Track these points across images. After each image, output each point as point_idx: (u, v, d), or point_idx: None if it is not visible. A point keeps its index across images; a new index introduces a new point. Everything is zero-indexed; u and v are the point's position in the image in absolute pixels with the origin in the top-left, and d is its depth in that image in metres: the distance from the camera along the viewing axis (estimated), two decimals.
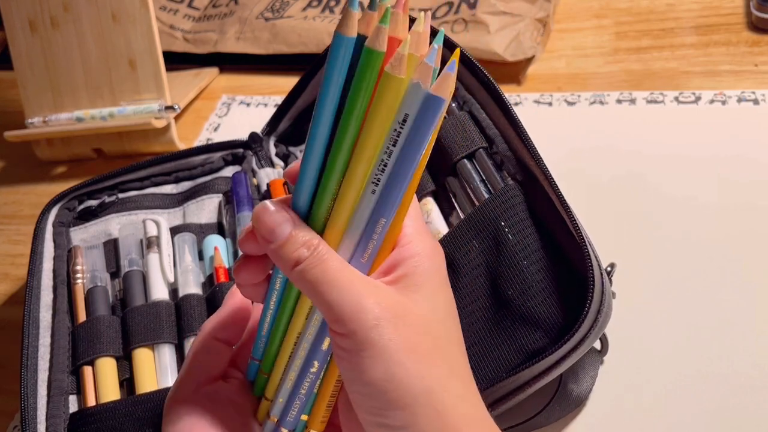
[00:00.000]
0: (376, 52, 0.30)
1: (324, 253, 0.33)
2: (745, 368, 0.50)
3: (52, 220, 0.63)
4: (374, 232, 0.33)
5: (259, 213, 0.33)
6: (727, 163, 0.63)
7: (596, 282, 0.42)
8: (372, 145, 0.31)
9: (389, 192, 0.32)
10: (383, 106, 0.30)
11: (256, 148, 0.69)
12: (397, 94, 0.30)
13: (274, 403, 0.39)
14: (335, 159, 0.32)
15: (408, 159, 0.31)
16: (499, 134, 0.52)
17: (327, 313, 0.33)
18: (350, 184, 0.32)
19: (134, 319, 0.55)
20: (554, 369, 0.44)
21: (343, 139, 0.32)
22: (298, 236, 0.33)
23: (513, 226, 0.47)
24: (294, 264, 0.33)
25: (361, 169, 0.32)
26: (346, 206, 0.33)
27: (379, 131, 0.31)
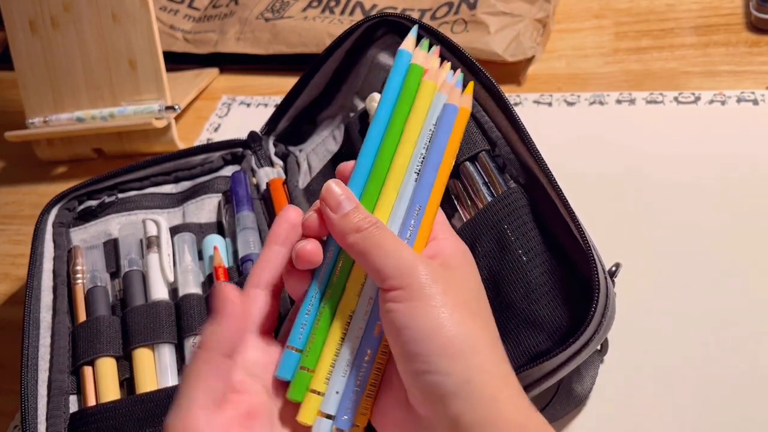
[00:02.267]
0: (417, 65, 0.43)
1: (381, 226, 0.38)
2: (746, 368, 0.50)
3: (52, 221, 0.63)
4: (412, 218, 0.40)
5: (331, 185, 0.39)
6: (726, 163, 0.63)
7: (601, 285, 0.42)
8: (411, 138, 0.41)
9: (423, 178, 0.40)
10: (419, 106, 0.42)
11: (256, 147, 0.69)
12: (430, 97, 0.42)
13: (328, 397, 0.38)
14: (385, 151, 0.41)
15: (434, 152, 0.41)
16: (501, 137, 0.52)
17: (382, 271, 0.36)
18: (396, 172, 0.41)
19: (134, 319, 0.55)
20: (558, 372, 0.44)
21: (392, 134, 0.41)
22: (361, 209, 0.38)
23: (516, 230, 0.47)
24: (356, 229, 0.37)
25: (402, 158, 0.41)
26: (392, 190, 0.40)
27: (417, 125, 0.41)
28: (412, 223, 0.40)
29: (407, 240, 0.39)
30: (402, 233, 0.40)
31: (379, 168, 0.41)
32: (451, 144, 0.41)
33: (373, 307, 0.39)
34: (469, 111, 0.43)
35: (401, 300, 0.35)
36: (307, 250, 0.39)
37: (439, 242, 0.40)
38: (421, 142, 0.41)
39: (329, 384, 0.38)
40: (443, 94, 0.42)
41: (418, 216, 0.40)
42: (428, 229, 0.40)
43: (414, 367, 0.35)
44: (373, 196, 0.40)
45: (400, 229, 0.40)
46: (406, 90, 0.42)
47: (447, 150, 0.41)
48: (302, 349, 0.39)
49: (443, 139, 0.41)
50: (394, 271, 0.36)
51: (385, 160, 0.41)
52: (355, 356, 0.38)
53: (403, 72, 0.42)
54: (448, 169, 0.42)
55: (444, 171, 0.41)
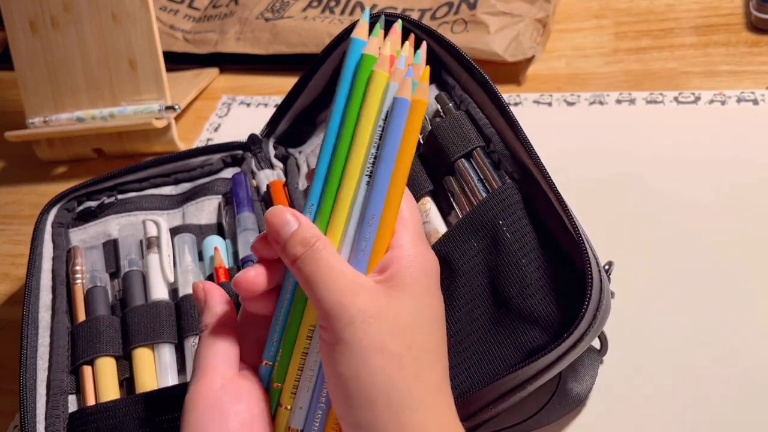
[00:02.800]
0: (368, 55, 0.37)
1: (320, 250, 0.36)
2: (746, 367, 0.50)
3: (51, 221, 0.63)
4: (366, 228, 0.37)
5: (269, 212, 0.37)
6: (726, 163, 0.63)
7: (594, 278, 0.42)
8: (363, 138, 0.37)
9: (375, 184, 0.37)
10: (370, 99, 0.37)
11: (256, 149, 0.69)
12: (380, 88, 0.37)
13: (294, 413, 0.38)
14: (338, 153, 0.37)
15: (386, 150, 0.37)
16: (496, 133, 0.52)
17: (315, 307, 0.36)
18: (348, 176, 0.37)
19: (134, 319, 0.55)
20: (554, 366, 0.44)
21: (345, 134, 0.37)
22: (298, 234, 0.36)
23: (511, 225, 0.47)
24: (292, 260, 0.36)
25: (356, 160, 0.37)
26: (345, 198, 0.37)
27: (368, 123, 0.37)
28: (366, 236, 0.37)
29: (362, 253, 0.37)
30: (356, 248, 0.37)
31: (333, 175, 0.38)
32: (405, 142, 0.37)
33: None
34: (425, 102, 0.37)
35: (327, 342, 0.35)
36: (244, 278, 0.38)
37: (395, 252, 0.37)
38: (373, 143, 0.37)
39: (295, 399, 0.38)
40: (393, 84, 0.37)
41: (372, 227, 0.37)
42: (386, 240, 0.38)
43: (337, 411, 0.36)
44: (328, 208, 0.38)
45: (353, 244, 0.37)
46: (358, 84, 0.37)
47: (401, 149, 0.37)
48: (273, 363, 0.39)
49: (395, 138, 0.37)
50: (322, 308, 0.35)
51: (338, 166, 0.38)
52: (318, 371, 0.38)
53: (354, 64, 0.38)
54: (405, 170, 0.37)
55: (400, 173, 0.37)
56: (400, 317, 0.35)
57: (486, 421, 0.47)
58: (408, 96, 0.36)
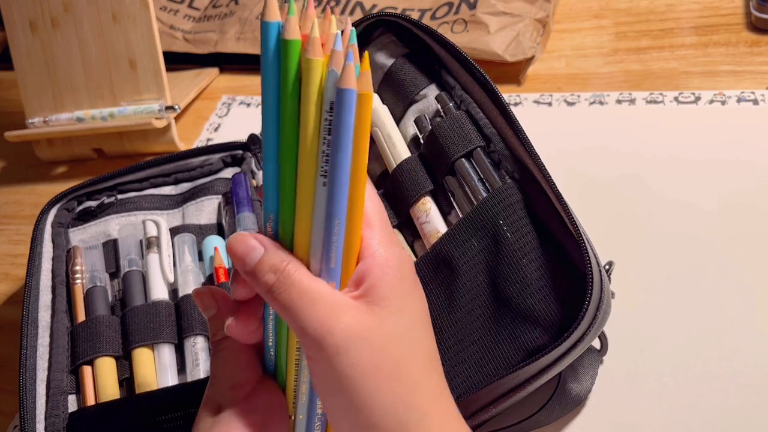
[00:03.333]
0: (292, 41, 0.31)
1: (291, 273, 0.34)
2: (745, 368, 0.50)
3: (51, 221, 0.63)
4: (333, 235, 0.33)
5: (230, 242, 0.34)
6: (725, 163, 0.63)
7: (595, 278, 0.42)
8: (310, 134, 0.32)
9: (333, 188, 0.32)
10: (309, 91, 0.31)
11: (255, 149, 0.69)
12: (318, 77, 0.31)
13: (296, 422, 0.38)
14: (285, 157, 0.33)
15: (339, 149, 0.31)
16: (496, 133, 0.52)
17: (298, 336, 0.34)
18: (303, 179, 0.33)
19: (134, 319, 0.55)
20: (554, 366, 0.44)
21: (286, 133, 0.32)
22: (265, 261, 0.34)
23: (511, 225, 0.47)
24: (266, 289, 0.34)
25: (307, 161, 0.32)
26: (305, 207, 0.33)
27: (312, 118, 0.32)
28: (334, 245, 0.33)
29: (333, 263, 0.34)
30: (326, 259, 0.34)
31: (285, 181, 0.33)
32: (358, 138, 0.32)
33: None
34: (371, 96, 0.32)
35: (315, 372, 0.34)
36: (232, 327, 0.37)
37: (366, 263, 0.35)
38: (322, 139, 0.32)
39: (296, 409, 0.38)
40: (333, 70, 0.31)
41: (339, 234, 0.33)
42: (356, 245, 0.35)
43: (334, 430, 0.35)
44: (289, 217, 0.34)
45: (322, 256, 0.34)
46: (287, 77, 0.32)
47: (354, 146, 0.32)
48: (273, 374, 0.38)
49: (346, 135, 0.31)
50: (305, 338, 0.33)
51: (289, 170, 0.33)
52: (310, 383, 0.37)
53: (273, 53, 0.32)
54: (362, 167, 0.33)
55: (358, 171, 0.33)
56: (386, 333, 0.34)
57: (486, 420, 0.47)
58: (353, 85, 0.31)
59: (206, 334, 0.55)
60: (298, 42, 0.31)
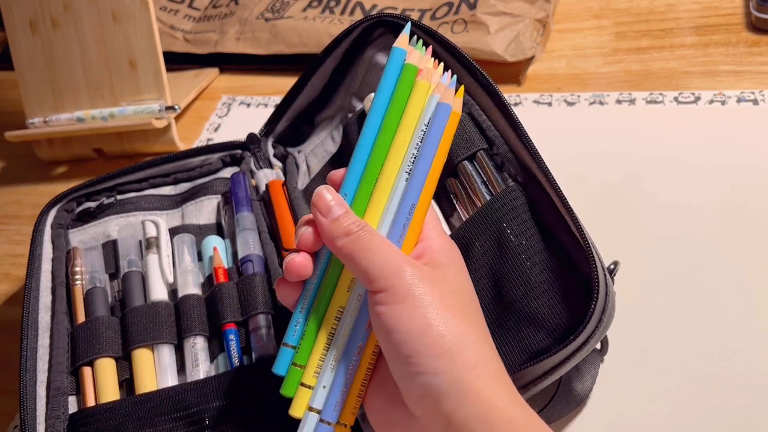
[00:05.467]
0: (413, 66, 0.42)
1: (370, 228, 0.39)
2: (746, 369, 0.50)
3: (51, 222, 0.63)
4: (404, 216, 0.40)
5: (321, 191, 0.39)
6: (725, 164, 0.63)
7: (600, 282, 0.42)
8: (404, 139, 0.41)
9: (414, 179, 0.40)
10: (412, 107, 0.41)
11: (254, 149, 0.69)
12: (424, 98, 0.41)
13: (316, 392, 0.39)
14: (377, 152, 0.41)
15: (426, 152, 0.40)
16: (499, 135, 0.52)
17: (369, 273, 0.37)
18: (386, 171, 0.40)
19: (133, 320, 0.55)
20: (558, 369, 0.44)
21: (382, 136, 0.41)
22: (350, 213, 0.39)
23: (515, 228, 0.47)
24: (345, 233, 0.38)
25: (395, 159, 0.40)
26: (383, 192, 0.40)
27: (409, 127, 0.41)
28: (403, 224, 0.40)
29: (399, 241, 0.39)
30: (392, 234, 0.40)
31: (371, 170, 0.41)
32: (442, 145, 0.41)
33: (363, 304, 0.40)
34: (459, 114, 0.42)
35: (388, 302, 0.36)
36: (296, 263, 0.40)
37: (426, 242, 0.40)
38: (413, 143, 0.41)
39: (318, 379, 0.39)
40: (436, 95, 0.41)
41: (409, 215, 0.40)
42: (418, 229, 0.40)
43: (405, 369, 0.36)
44: (365, 199, 0.40)
45: (391, 230, 0.40)
46: (400, 90, 0.41)
47: (439, 150, 0.41)
48: (296, 345, 0.40)
49: (435, 138, 0.40)
50: (381, 272, 0.37)
51: (377, 162, 0.41)
52: (343, 352, 0.39)
53: (397, 71, 0.42)
54: (438, 170, 0.41)
55: (435, 172, 0.41)
56: (453, 284, 0.38)
57: None
58: (451, 102, 0.41)
59: (205, 334, 0.55)
60: (415, 68, 0.41)
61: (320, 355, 0.39)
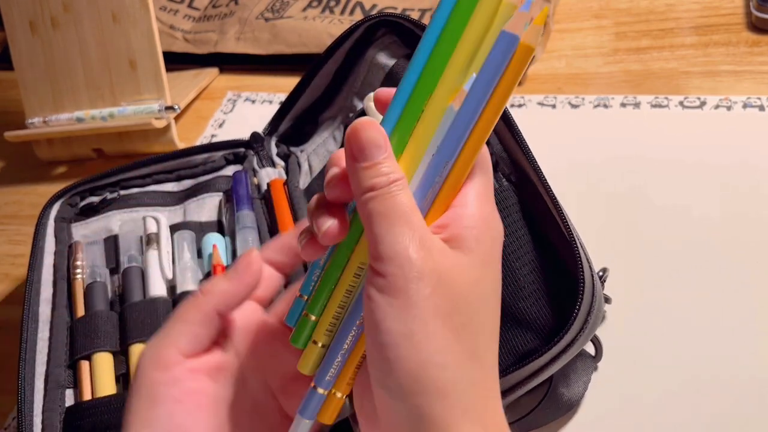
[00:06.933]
0: None
1: (399, 189, 0.31)
2: (742, 375, 0.49)
3: (54, 216, 0.64)
4: (437, 173, 0.32)
5: (358, 127, 0.32)
6: (730, 169, 0.62)
7: (586, 283, 0.42)
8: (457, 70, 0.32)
9: (456, 126, 0.32)
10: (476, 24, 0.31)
11: (258, 147, 0.69)
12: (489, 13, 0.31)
13: None
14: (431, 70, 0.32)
15: (479, 90, 0.31)
16: (494, 135, 0.52)
17: (375, 247, 0.31)
18: (433, 105, 0.32)
19: (132, 315, 0.55)
20: (545, 370, 0.44)
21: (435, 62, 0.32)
22: (383, 165, 0.31)
23: (506, 228, 0.47)
24: (368, 189, 0.31)
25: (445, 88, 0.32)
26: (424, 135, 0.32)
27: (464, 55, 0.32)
28: (431, 185, 0.33)
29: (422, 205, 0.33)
30: (417, 194, 0.33)
31: (415, 103, 0.33)
32: (500, 88, 0.31)
33: None
34: (532, 49, 0.31)
35: (382, 290, 0.31)
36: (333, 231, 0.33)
37: (459, 210, 0.33)
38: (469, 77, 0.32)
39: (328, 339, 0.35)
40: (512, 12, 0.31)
41: (441, 175, 0.33)
42: (452, 193, 0.33)
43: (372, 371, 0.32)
44: (404, 138, 0.33)
45: (417, 189, 0.33)
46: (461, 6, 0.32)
47: (494, 95, 0.31)
48: (308, 296, 0.36)
49: (490, 77, 0.31)
50: (385, 251, 0.30)
51: (422, 94, 0.32)
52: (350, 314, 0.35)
53: None
54: (491, 119, 0.32)
55: (485, 122, 0.32)
56: (464, 285, 0.31)
57: None
58: (519, 32, 0.31)
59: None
60: None
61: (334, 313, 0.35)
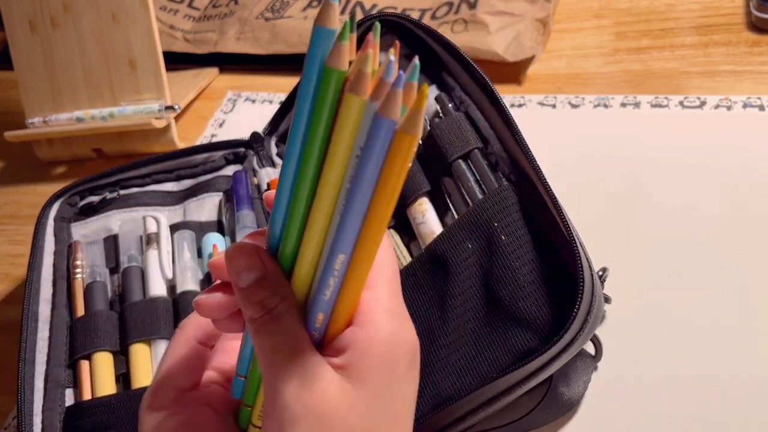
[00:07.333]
0: (337, 71, 0.26)
1: (279, 315, 0.30)
2: (741, 377, 0.49)
3: (54, 215, 0.64)
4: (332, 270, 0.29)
5: (231, 253, 0.31)
6: (730, 169, 0.62)
7: (586, 282, 0.42)
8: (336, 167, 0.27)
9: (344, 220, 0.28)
10: (344, 128, 0.27)
11: (258, 147, 0.69)
12: (358, 116, 0.26)
13: None
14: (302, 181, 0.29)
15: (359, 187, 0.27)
16: (494, 135, 0.52)
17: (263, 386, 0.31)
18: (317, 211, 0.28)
19: (132, 315, 0.55)
20: (544, 370, 0.44)
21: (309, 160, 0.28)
22: (257, 292, 0.30)
23: (506, 227, 0.47)
24: (248, 318, 0.31)
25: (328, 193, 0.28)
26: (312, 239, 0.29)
27: (341, 153, 0.27)
28: (326, 290, 0.29)
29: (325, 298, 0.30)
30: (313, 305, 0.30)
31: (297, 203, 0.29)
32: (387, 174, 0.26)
33: None
34: (416, 138, 0.26)
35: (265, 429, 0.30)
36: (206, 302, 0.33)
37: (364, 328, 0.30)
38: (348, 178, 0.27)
39: None
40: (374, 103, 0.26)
41: (341, 269, 0.29)
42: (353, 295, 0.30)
43: None
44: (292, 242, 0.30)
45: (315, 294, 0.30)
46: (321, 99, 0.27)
47: (381, 182, 0.27)
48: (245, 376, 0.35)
49: (372, 166, 0.26)
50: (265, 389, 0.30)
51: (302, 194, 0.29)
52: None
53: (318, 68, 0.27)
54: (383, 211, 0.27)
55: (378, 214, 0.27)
56: (347, 422, 0.29)
57: (474, 424, 0.46)
58: (394, 116, 0.25)
59: None
60: (342, 73, 0.26)
61: None
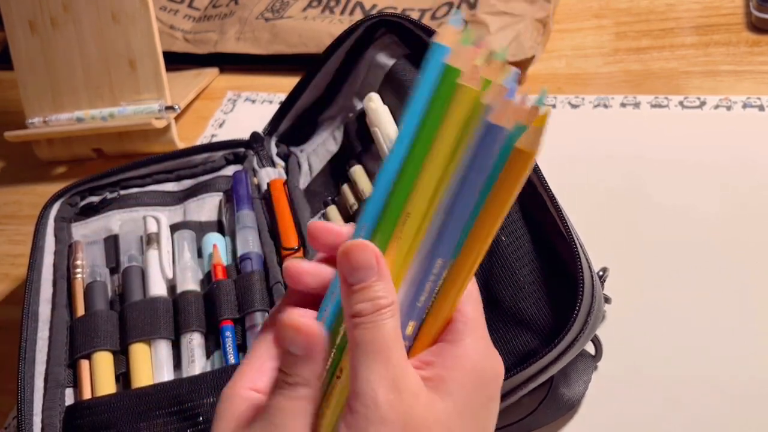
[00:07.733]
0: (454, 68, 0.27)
1: (385, 318, 0.30)
2: (741, 377, 0.49)
3: (54, 215, 0.64)
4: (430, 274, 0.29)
5: (350, 248, 0.30)
6: (730, 169, 0.62)
7: (586, 283, 0.42)
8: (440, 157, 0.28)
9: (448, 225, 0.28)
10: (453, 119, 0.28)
11: (258, 147, 0.69)
12: (467, 108, 0.28)
13: None
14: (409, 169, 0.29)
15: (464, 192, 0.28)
16: None
17: (352, 380, 0.30)
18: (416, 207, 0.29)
19: (132, 314, 0.55)
20: (545, 371, 0.44)
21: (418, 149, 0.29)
22: (370, 289, 0.30)
23: (506, 228, 0.47)
24: (353, 314, 0.30)
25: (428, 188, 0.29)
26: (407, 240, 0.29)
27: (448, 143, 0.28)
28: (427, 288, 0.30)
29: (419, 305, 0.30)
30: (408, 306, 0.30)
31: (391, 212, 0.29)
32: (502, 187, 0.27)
33: None
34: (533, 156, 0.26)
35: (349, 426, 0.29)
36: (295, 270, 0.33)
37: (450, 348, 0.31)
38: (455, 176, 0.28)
39: None
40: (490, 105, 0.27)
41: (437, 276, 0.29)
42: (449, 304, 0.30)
43: None
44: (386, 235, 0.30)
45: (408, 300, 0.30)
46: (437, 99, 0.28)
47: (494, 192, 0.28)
48: None
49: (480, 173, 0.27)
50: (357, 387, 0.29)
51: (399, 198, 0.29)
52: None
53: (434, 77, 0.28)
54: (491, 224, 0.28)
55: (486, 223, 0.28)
56: None
57: None
58: (506, 123, 0.26)
59: (202, 330, 0.55)
60: (456, 71, 0.27)
61: None
